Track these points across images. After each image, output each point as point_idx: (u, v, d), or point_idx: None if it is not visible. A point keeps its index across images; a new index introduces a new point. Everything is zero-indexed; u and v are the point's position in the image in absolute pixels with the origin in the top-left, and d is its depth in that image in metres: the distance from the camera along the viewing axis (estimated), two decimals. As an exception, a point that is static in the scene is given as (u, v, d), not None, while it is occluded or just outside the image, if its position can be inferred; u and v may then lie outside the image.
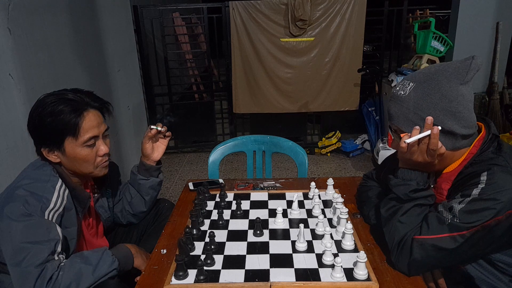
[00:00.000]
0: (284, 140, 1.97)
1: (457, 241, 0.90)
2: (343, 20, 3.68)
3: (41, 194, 1.09)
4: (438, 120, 0.96)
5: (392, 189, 1.03)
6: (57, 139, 1.14)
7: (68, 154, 1.16)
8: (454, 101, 0.95)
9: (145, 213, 1.50)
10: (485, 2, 3.49)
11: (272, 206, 1.35)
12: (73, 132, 1.13)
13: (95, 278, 1.05)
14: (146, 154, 1.43)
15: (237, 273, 0.98)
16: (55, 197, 1.11)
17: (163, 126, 1.43)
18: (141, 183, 1.44)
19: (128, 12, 3.54)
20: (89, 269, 1.06)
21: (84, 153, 1.17)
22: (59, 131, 1.13)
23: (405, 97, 1.01)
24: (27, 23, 1.86)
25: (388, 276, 0.97)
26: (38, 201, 1.07)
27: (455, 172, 1.03)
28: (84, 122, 1.14)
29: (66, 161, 1.18)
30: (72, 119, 1.12)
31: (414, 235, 0.94)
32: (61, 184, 1.15)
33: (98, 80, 2.76)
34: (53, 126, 1.12)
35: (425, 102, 0.98)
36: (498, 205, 0.87)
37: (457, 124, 0.96)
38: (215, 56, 4.29)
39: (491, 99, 3.68)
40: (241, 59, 3.83)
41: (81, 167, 1.19)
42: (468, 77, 0.95)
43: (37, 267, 1.00)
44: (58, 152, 1.16)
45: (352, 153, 3.95)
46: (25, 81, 1.81)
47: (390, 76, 3.50)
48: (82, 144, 1.15)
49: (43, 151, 1.16)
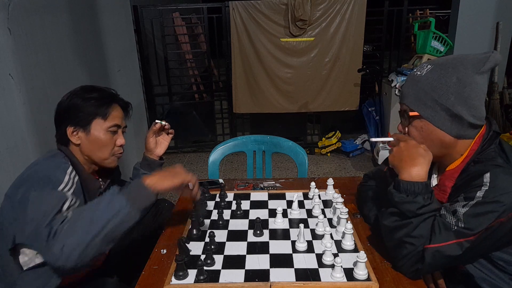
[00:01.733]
0: (284, 140, 1.97)
1: (463, 246, 0.90)
2: (343, 20, 3.68)
3: (52, 178, 1.11)
4: (449, 103, 0.98)
5: (397, 206, 0.97)
6: (87, 119, 1.22)
7: (91, 136, 1.23)
8: (468, 87, 0.97)
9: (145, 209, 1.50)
10: (485, 2, 3.49)
11: (272, 206, 1.35)
12: (103, 114, 1.23)
13: (104, 221, 0.97)
14: (149, 148, 1.44)
15: (237, 273, 0.98)
16: (66, 179, 1.13)
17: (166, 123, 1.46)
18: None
19: (128, 12, 3.54)
20: (98, 211, 0.99)
21: (106, 137, 1.24)
22: (90, 112, 1.22)
23: (421, 77, 1.02)
24: (27, 23, 1.86)
25: (388, 276, 0.97)
26: (50, 182, 1.09)
27: (458, 169, 1.03)
28: (113, 110, 1.26)
29: (87, 143, 1.23)
30: (105, 104, 1.24)
31: (425, 245, 0.93)
32: (71, 169, 1.18)
33: (98, 80, 2.76)
34: (87, 106, 1.21)
35: (439, 83, 0.99)
36: (502, 208, 0.87)
37: (467, 110, 0.97)
38: (215, 56, 4.29)
39: (491, 99, 3.68)
40: (241, 59, 3.83)
41: (98, 151, 1.25)
42: (485, 68, 0.97)
43: (46, 226, 0.98)
44: (82, 133, 1.22)
45: (352, 153, 3.95)
46: (25, 81, 1.81)
47: (390, 76, 3.50)
48: (108, 128, 1.24)
49: (68, 129, 1.21)
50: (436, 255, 0.91)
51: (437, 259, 0.91)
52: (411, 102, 1.04)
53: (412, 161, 0.98)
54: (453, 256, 0.90)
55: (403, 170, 0.99)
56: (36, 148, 1.19)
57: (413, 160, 0.98)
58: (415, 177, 0.96)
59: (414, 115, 1.04)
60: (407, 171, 0.98)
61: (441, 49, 3.38)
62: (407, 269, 0.96)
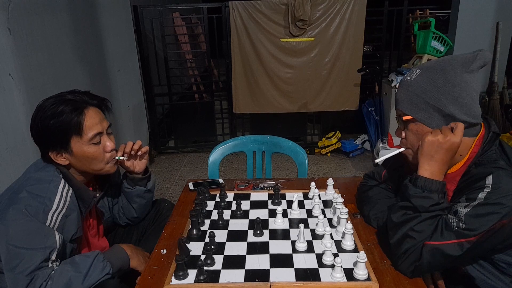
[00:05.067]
0: (284, 140, 1.97)
1: (464, 247, 0.89)
2: (343, 20, 3.68)
3: (43, 196, 1.09)
4: (441, 104, 0.98)
5: (410, 198, 0.97)
6: (63, 140, 1.14)
7: (76, 154, 1.16)
8: (457, 87, 0.97)
9: (137, 218, 1.49)
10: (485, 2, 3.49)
11: (272, 206, 1.35)
12: (77, 131, 1.14)
13: (85, 286, 1.05)
14: (128, 171, 1.40)
15: (237, 273, 0.98)
16: (57, 198, 1.11)
17: (134, 143, 1.35)
18: (127, 191, 1.42)
19: (128, 12, 3.54)
20: (79, 277, 1.05)
21: (91, 150, 1.17)
22: (63, 132, 1.13)
23: (411, 81, 1.03)
24: (27, 23, 1.86)
25: (388, 276, 0.97)
26: (41, 203, 1.07)
27: (459, 172, 1.03)
28: (86, 120, 1.15)
29: (76, 161, 1.18)
30: (74, 117, 1.13)
31: (425, 241, 0.94)
32: (64, 184, 1.15)
33: (98, 80, 2.76)
34: (57, 128, 1.12)
35: (429, 85, 1.00)
36: (504, 210, 0.87)
37: (459, 110, 0.97)
38: (215, 56, 4.29)
39: (491, 99, 3.68)
40: (241, 59, 3.83)
41: (91, 165, 1.20)
42: (473, 66, 0.97)
43: (28, 275, 1.00)
44: (66, 153, 1.16)
45: (352, 153, 3.95)
46: (25, 81, 1.81)
47: (390, 76, 3.50)
48: (88, 142, 1.16)
49: (51, 155, 1.16)
50: (435, 253, 0.91)
51: (436, 257, 0.92)
52: (404, 107, 1.05)
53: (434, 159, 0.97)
54: (452, 256, 0.90)
55: (423, 166, 0.98)
56: (36, 148, 1.18)
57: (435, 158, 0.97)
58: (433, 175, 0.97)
59: (408, 119, 1.04)
60: (427, 169, 0.98)
61: (441, 49, 3.38)
62: (406, 266, 0.96)
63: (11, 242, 1.02)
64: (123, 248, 1.22)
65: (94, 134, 1.16)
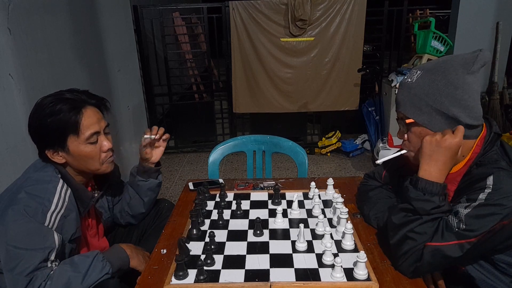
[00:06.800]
0: (284, 140, 1.97)
1: (464, 248, 0.89)
2: (343, 20, 3.68)
3: (42, 196, 1.09)
4: (443, 107, 0.97)
5: (411, 201, 0.96)
6: (60, 139, 1.14)
7: (72, 153, 1.16)
8: (460, 89, 0.96)
9: (143, 214, 1.50)
10: (485, 2, 3.49)
11: (272, 206, 1.35)
12: (74, 130, 1.14)
13: (84, 286, 1.05)
14: (144, 158, 1.43)
15: (237, 273, 0.98)
16: (56, 198, 1.11)
17: (159, 129, 1.40)
18: (140, 184, 1.44)
19: (128, 12, 3.54)
20: (79, 277, 1.05)
21: (88, 150, 1.17)
22: (60, 130, 1.13)
23: (411, 83, 1.02)
24: (27, 23, 1.86)
25: (388, 276, 0.97)
26: (40, 204, 1.07)
27: (460, 173, 1.02)
28: (83, 119, 1.15)
29: (72, 160, 1.18)
30: (72, 116, 1.13)
31: (426, 243, 0.93)
32: (62, 184, 1.15)
33: (98, 80, 2.76)
34: (54, 126, 1.12)
35: (431, 88, 0.99)
36: (505, 211, 0.87)
37: (463, 112, 0.97)
38: (215, 56, 4.29)
39: (491, 99, 3.68)
40: (241, 59, 3.83)
41: (87, 164, 1.20)
42: (474, 68, 0.97)
43: (27, 276, 1.00)
44: (62, 152, 1.17)
45: (352, 153, 3.95)
46: (25, 81, 1.81)
47: (390, 76, 3.50)
48: (85, 141, 1.16)
49: (47, 153, 1.16)
50: (435, 254, 0.91)
51: (436, 258, 0.91)
52: (406, 110, 1.04)
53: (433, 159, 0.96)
54: (453, 257, 0.90)
55: (424, 167, 0.97)
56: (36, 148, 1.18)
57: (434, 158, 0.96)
58: (434, 177, 0.96)
59: (411, 122, 1.03)
60: (427, 170, 0.96)
61: (441, 49, 3.38)
62: (407, 267, 0.96)
63: (10, 243, 1.02)
64: (123, 248, 1.22)
65: (91, 133, 1.16)
